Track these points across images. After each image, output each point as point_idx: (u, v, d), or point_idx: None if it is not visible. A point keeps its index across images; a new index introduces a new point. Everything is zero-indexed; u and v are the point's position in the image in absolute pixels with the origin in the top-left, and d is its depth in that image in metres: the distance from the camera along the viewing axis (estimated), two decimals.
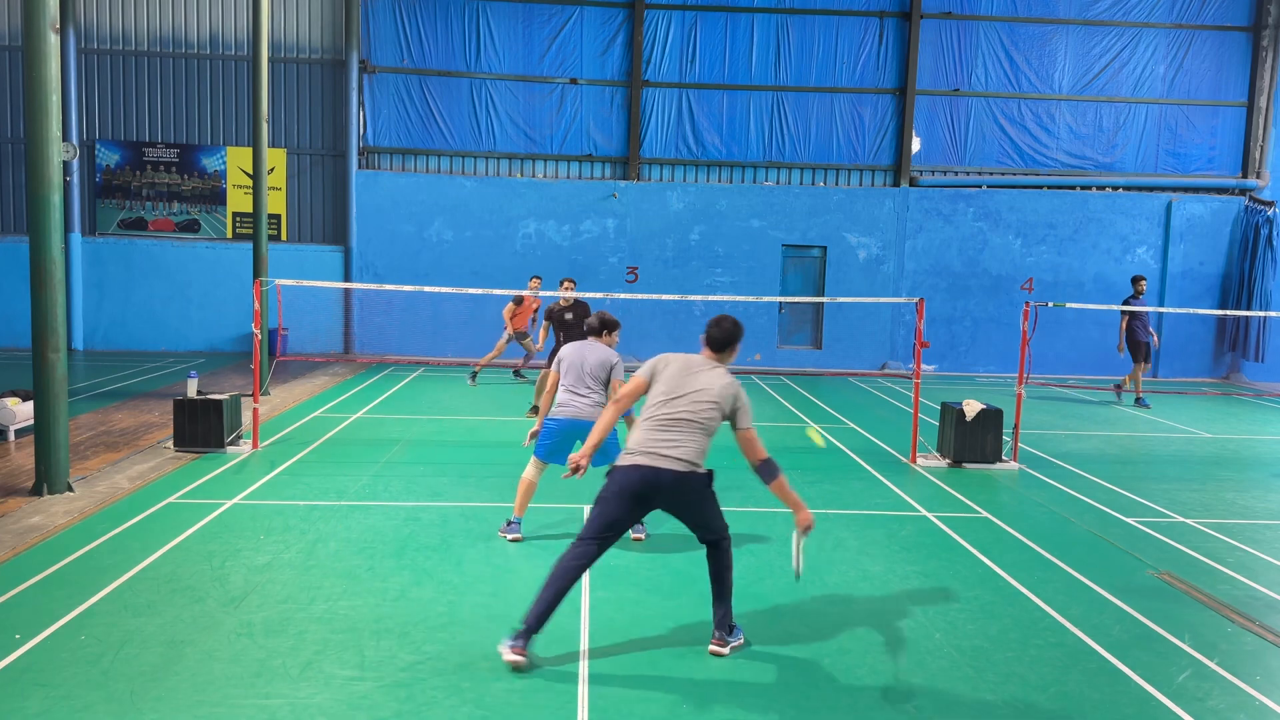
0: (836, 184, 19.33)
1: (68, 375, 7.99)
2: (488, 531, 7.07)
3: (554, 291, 10.73)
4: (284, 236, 18.93)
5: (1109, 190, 19.37)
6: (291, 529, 7.00)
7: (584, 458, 5.10)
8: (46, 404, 7.74)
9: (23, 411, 9.80)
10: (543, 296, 13.54)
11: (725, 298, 11.50)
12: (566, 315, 10.75)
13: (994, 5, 18.94)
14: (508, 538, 6.88)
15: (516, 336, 14.77)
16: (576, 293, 10.81)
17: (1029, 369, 10.78)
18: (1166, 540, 7.41)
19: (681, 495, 4.85)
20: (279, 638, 5.03)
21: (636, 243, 18.94)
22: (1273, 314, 11.01)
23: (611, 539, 4.91)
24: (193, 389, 9.74)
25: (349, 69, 18.43)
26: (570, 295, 10.75)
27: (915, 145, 19.14)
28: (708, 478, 4.91)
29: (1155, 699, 4.65)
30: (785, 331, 19.47)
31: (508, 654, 4.72)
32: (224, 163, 18.84)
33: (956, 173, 19.35)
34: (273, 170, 18.56)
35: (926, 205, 19.15)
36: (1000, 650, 5.17)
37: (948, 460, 9.95)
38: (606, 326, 6.98)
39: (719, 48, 18.89)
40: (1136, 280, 14.68)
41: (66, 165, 17.88)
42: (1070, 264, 19.29)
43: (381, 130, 18.83)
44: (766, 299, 11.51)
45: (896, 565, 6.60)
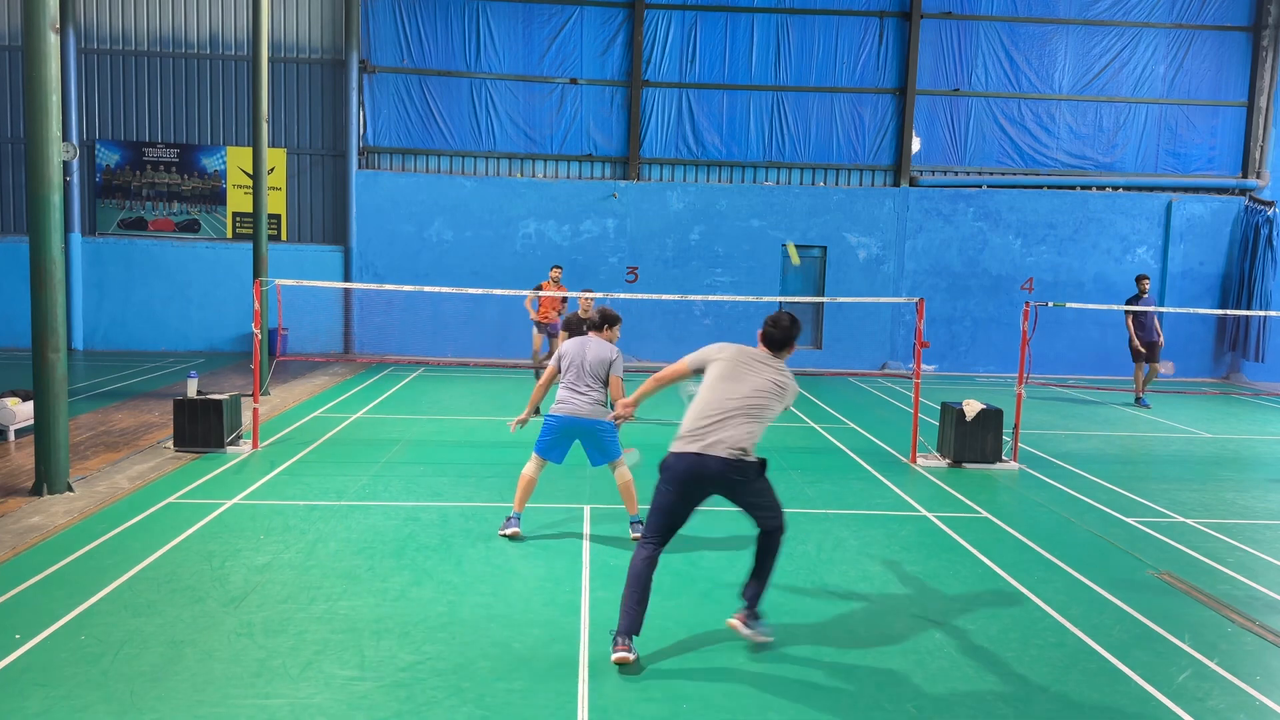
0: (836, 184, 19.32)
1: (68, 375, 7.99)
2: (488, 531, 7.07)
3: (555, 292, 10.72)
4: (284, 236, 18.93)
5: (1109, 190, 19.36)
6: (291, 529, 7.00)
7: (630, 408, 5.49)
8: (46, 404, 7.75)
9: (23, 411, 9.80)
10: (542, 294, 13.44)
11: (725, 298, 11.50)
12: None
13: (994, 5, 18.93)
14: (507, 532, 6.91)
15: (546, 330, 13.79)
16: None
17: (1029, 369, 10.77)
18: (1167, 540, 7.41)
19: (731, 483, 4.86)
20: (279, 638, 5.03)
21: (636, 243, 18.93)
22: (1273, 314, 11.00)
23: (674, 527, 4.94)
24: (193, 389, 9.74)
25: (349, 69, 18.43)
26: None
27: (915, 145, 19.13)
28: (760, 466, 4.93)
29: (1155, 699, 4.65)
30: None
31: (616, 654, 4.77)
32: (224, 163, 18.83)
33: (956, 173, 19.35)
34: (273, 170, 18.56)
35: (926, 205, 19.15)
36: (1000, 650, 5.17)
37: (948, 460, 9.94)
38: (607, 320, 7.02)
39: (719, 48, 18.88)
40: (1140, 279, 14.65)
41: (66, 165, 17.88)
42: (1070, 264, 19.28)
43: (381, 130, 18.83)
44: (766, 299, 11.50)
45: (896, 565, 6.60)
